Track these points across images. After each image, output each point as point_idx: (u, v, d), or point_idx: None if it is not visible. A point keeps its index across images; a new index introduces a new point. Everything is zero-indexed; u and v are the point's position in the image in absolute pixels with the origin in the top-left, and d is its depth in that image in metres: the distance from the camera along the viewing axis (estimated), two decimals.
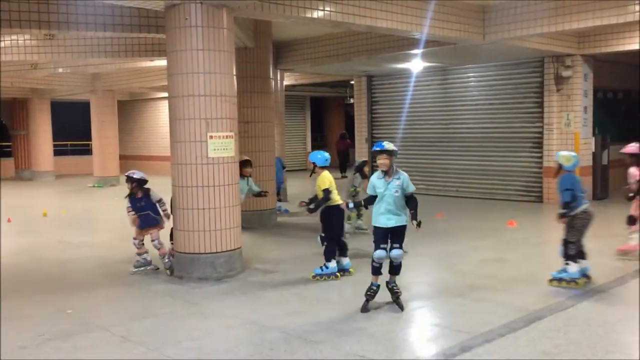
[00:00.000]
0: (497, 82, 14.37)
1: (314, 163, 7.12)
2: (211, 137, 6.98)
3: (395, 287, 5.87)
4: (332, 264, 7.03)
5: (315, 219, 7.43)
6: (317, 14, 8.16)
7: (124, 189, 8.07)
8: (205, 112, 6.95)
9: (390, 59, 13.19)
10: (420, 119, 16.03)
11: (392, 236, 5.77)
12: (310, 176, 8.80)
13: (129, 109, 26.41)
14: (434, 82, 15.66)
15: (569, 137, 13.12)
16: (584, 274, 6.54)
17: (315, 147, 27.43)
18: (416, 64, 14.05)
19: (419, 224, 5.73)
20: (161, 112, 24.49)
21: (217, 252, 7.08)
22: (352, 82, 18.02)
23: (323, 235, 7.07)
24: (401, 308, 5.77)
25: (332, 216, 7.04)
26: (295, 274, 7.38)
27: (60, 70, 15.76)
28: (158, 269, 7.60)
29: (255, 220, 10.49)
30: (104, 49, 11.21)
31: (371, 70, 15.88)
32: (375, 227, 5.81)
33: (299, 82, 19.42)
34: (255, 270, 7.57)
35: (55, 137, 24.09)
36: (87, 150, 23.56)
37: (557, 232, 9.99)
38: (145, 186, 7.55)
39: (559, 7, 9.45)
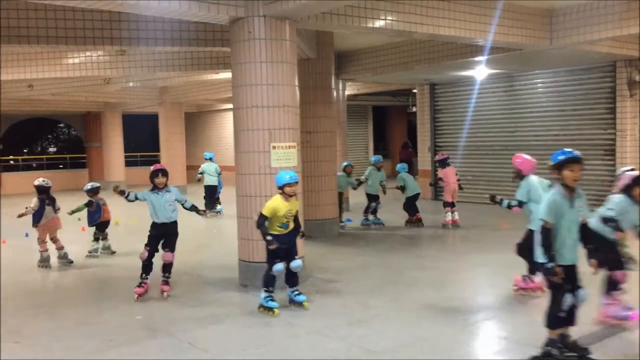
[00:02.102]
0: (566, 87, 13.92)
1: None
2: (274, 147, 7.07)
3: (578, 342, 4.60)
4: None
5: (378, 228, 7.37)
6: (378, 24, 8.15)
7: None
8: (268, 122, 7.06)
9: (453, 67, 13.01)
10: (485, 126, 15.71)
11: (572, 275, 4.55)
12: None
13: (196, 120, 27.15)
14: (499, 89, 15.33)
15: None
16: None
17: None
18: (480, 71, 13.81)
19: (599, 265, 4.68)
20: (226, 123, 25.05)
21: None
22: (415, 91, 17.89)
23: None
24: None
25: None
26: (358, 283, 7.37)
27: (131, 84, 16.37)
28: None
29: (317, 229, 10.53)
30: (171, 62, 11.59)
31: (434, 78, 15.71)
32: (558, 266, 4.48)
33: (361, 92, 19.45)
34: (317, 280, 7.60)
35: (126, 148, 25.07)
36: (156, 161, 24.36)
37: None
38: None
39: (631, 8, 9.06)
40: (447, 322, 5.68)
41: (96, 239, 9.79)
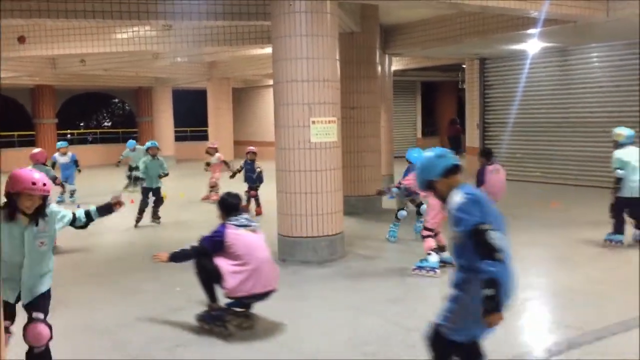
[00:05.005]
0: (624, 62, 13.26)
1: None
2: (313, 122, 7.02)
3: None
4: None
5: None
6: None
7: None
8: (307, 97, 7.01)
9: (504, 40, 12.58)
10: (537, 103, 15.20)
11: None
12: None
13: (243, 96, 27.33)
14: (552, 63, 14.77)
15: None
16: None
17: (425, 133, 26.98)
18: (533, 45, 13.31)
19: None
20: (272, 99, 25.14)
21: (318, 237, 7.15)
22: (464, 66, 17.45)
23: None
24: None
25: None
26: (398, 261, 7.29)
27: (179, 59, 16.56)
28: None
29: (360, 205, 10.47)
30: (216, 37, 11.62)
31: (484, 52, 15.26)
32: None
33: (409, 67, 19.10)
34: (357, 256, 7.56)
35: (176, 123, 25.49)
36: (204, 136, 24.70)
37: None
38: None
39: None
40: None
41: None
